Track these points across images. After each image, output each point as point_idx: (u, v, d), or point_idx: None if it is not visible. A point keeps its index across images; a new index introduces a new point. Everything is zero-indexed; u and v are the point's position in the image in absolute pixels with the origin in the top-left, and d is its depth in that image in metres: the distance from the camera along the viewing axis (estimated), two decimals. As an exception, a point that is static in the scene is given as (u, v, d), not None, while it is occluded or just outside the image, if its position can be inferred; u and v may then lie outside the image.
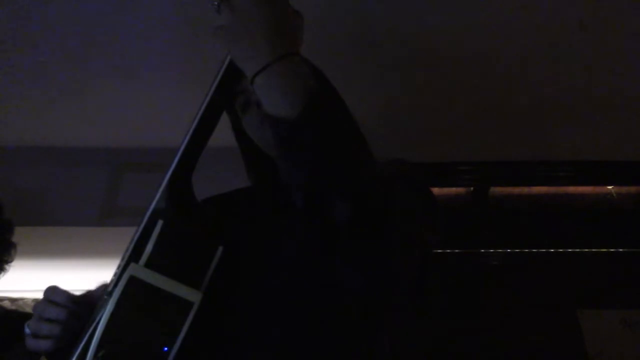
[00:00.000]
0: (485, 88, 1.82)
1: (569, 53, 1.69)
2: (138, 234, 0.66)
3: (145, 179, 2.16)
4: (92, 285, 0.83)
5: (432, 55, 1.69)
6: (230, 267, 0.67)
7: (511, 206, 2.37)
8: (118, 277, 0.63)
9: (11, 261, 1.51)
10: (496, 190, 2.37)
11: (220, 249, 0.66)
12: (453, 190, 2.38)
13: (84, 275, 2.47)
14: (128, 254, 0.66)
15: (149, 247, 0.63)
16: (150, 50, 1.65)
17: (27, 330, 0.74)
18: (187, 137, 0.68)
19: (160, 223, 0.64)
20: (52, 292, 0.74)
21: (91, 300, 0.74)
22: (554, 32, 1.61)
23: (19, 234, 1.56)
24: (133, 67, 1.71)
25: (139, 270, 0.62)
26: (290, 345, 0.66)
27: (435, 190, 2.34)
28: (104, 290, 0.75)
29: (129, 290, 0.60)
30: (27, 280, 2.31)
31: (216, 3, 0.62)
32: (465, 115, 1.95)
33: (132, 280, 0.61)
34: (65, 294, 0.74)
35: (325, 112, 0.59)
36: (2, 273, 1.50)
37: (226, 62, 0.67)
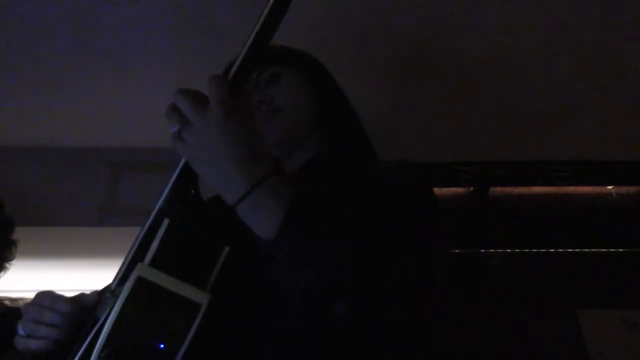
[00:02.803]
0: (486, 88, 1.82)
1: (569, 53, 1.69)
2: (143, 232, 0.66)
3: (145, 179, 2.16)
4: (92, 285, 0.83)
5: (433, 56, 1.69)
6: (236, 267, 0.66)
7: (511, 206, 2.37)
8: (123, 275, 0.63)
9: (12, 259, 1.51)
10: (496, 190, 2.37)
11: (227, 248, 0.66)
12: (453, 190, 2.37)
13: (84, 275, 2.47)
14: (133, 252, 0.66)
15: (155, 246, 0.63)
16: (150, 50, 1.65)
17: (21, 332, 0.73)
18: None
19: (166, 222, 0.64)
20: (50, 299, 0.74)
21: (84, 302, 0.74)
22: (555, 32, 1.61)
23: (19, 234, 1.56)
24: (133, 67, 1.71)
25: (146, 270, 0.61)
26: (296, 346, 0.66)
27: (435, 190, 2.35)
28: (97, 293, 0.75)
29: (136, 291, 0.60)
30: (27, 280, 2.31)
31: (177, 128, 0.62)
32: (465, 115, 1.95)
33: (140, 280, 0.60)
34: (62, 298, 0.74)
35: (304, 223, 0.60)
36: (3, 271, 1.50)
37: (236, 66, 0.66)
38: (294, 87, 0.93)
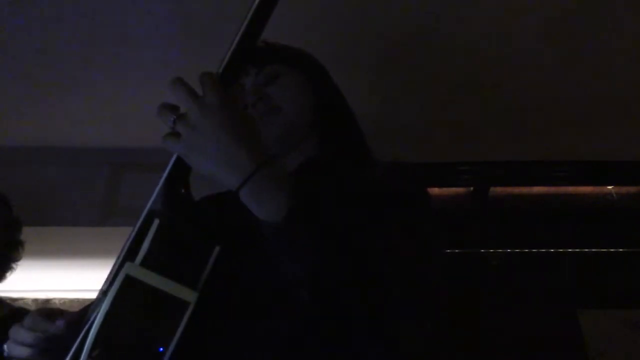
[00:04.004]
0: (486, 88, 1.82)
1: (569, 53, 1.69)
2: (134, 233, 0.66)
3: (145, 179, 2.16)
4: (92, 285, 0.83)
5: (433, 55, 1.69)
6: (227, 266, 0.66)
7: (511, 206, 2.37)
8: (113, 276, 0.63)
9: (19, 260, 1.52)
10: (496, 190, 2.37)
11: (217, 248, 0.66)
12: (453, 190, 2.37)
13: (84, 275, 2.47)
14: (124, 253, 0.66)
15: (145, 246, 0.63)
16: (150, 50, 1.65)
17: (5, 352, 0.75)
18: None
19: (156, 222, 0.64)
20: (30, 320, 0.75)
21: (72, 323, 0.74)
22: (555, 32, 1.61)
23: (19, 234, 1.56)
24: (133, 67, 1.71)
25: (134, 269, 0.61)
26: (288, 344, 0.66)
27: (435, 190, 2.35)
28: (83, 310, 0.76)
29: (124, 290, 0.60)
30: (27, 280, 2.31)
31: (172, 120, 0.62)
32: (465, 115, 1.95)
33: (128, 279, 0.60)
34: (41, 320, 0.74)
35: (309, 208, 0.60)
36: (10, 272, 1.51)
37: (224, 64, 0.66)
38: (293, 86, 0.92)
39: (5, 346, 0.75)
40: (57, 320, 0.73)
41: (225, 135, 0.60)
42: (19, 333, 0.73)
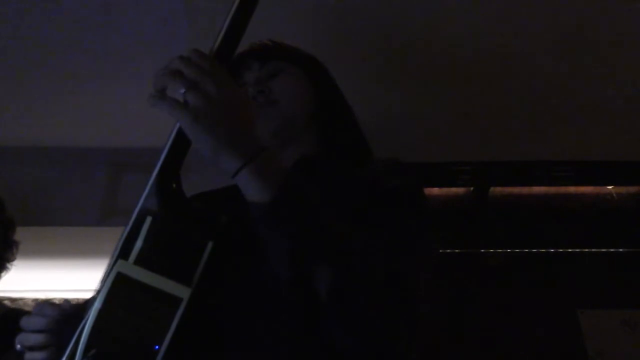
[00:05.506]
0: (485, 88, 1.82)
1: (569, 53, 1.69)
2: (127, 231, 0.66)
3: (145, 179, 2.15)
4: (92, 286, 0.83)
5: (433, 55, 1.69)
6: (220, 263, 0.66)
7: (511, 206, 2.37)
8: (106, 275, 0.63)
9: (13, 260, 1.51)
10: (496, 190, 2.37)
11: (210, 244, 0.65)
12: (453, 190, 2.37)
13: (84, 275, 2.47)
14: (117, 251, 0.66)
15: (138, 244, 0.63)
16: (150, 50, 1.65)
17: (18, 347, 0.74)
18: (174, 132, 0.68)
19: (149, 219, 0.64)
20: (38, 307, 0.76)
21: (79, 307, 0.74)
22: (554, 32, 1.61)
23: (19, 234, 1.56)
24: (133, 67, 1.71)
25: (126, 267, 0.61)
26: (280, 341, 0.66)
27: (435, 191, 2.35)
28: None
29: (116, 288, 0.60)
30: (27, 280, 2.31)
31: (183, 89, 0.61)
32: (465, 115, 1.95)
33: (120, 277, 0.60)
34: (49, 306, 0.75)
35: (299, 190, 0.61)
36: (4, 272, 1.50)
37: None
38: (293, 82, 0.93)
39: (17, 339, 0.75)
40: (62, 303, 0.74)
41: (237, 114, 0.61)
42: (31, 321, 0.74)
